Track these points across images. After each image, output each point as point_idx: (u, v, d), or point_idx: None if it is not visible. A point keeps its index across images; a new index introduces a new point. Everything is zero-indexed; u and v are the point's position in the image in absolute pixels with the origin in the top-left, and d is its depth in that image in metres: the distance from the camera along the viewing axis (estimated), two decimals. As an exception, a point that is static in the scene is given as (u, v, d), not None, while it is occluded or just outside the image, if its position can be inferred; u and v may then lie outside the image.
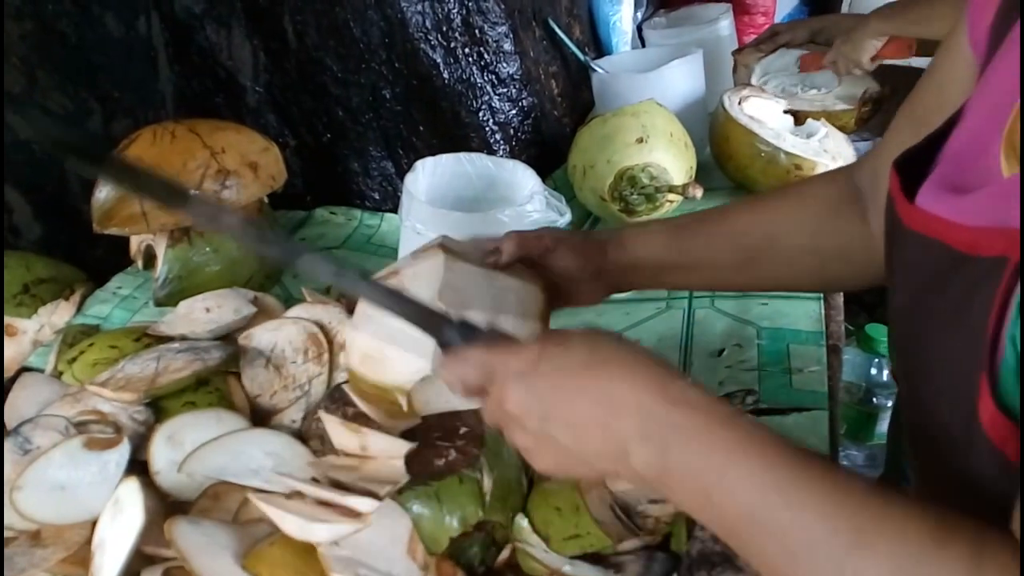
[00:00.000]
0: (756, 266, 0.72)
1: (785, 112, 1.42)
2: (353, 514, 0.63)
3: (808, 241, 0.70)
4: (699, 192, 1.16)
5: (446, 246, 0.64)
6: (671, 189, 1.19)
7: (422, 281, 0.60)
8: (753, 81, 1.54)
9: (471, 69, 1.29)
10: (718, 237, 0.72)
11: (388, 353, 0.63)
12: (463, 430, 0.73)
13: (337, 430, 0.70)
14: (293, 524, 0.63)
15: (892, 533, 0.39)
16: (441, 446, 0.69)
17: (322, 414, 0.73)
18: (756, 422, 0.45)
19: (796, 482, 0.41)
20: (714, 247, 0.72)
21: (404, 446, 0.67)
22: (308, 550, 0.63)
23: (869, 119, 1.45)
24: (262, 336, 0.88)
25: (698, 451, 0.44)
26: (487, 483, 0.70)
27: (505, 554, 0.70)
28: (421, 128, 1.30)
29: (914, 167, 0.52)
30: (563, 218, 0.99)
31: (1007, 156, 0.44)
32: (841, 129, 1.41)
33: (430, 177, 1.06)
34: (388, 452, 0.67)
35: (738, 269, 0.73)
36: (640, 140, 1.19)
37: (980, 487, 0.43)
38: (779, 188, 0.79)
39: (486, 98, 1.31)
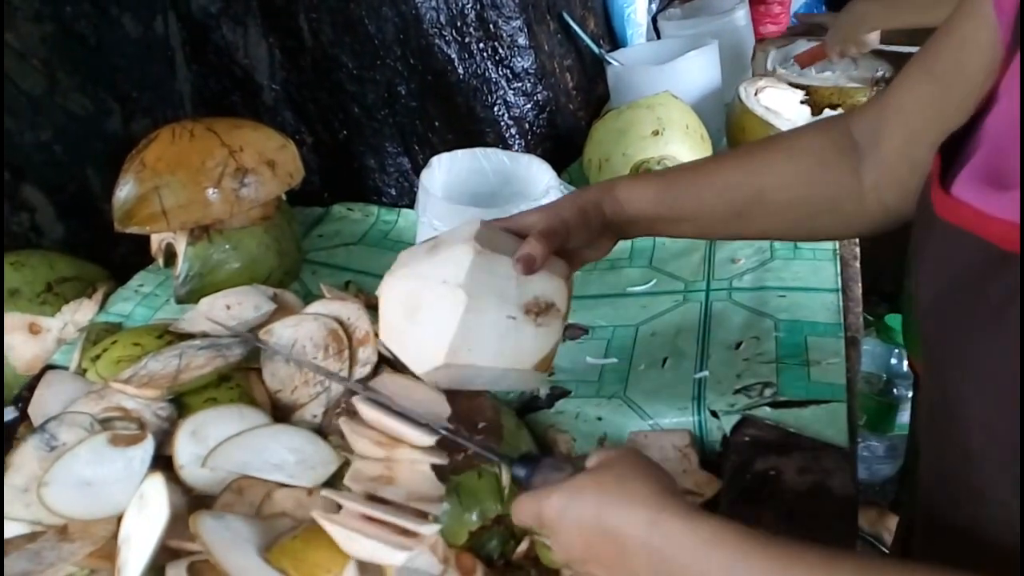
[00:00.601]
0: (745, 219, 0.73)
1: (803, 99, 1.41)
2: (410, 533, 0.64)
3: (797, 194, 0.71)
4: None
5: (479, 239, 0.66)
6: (687, 181, 1.19)
7: (450, 267, 0.65)
8: (769, 67, 1.53)
9: (486, 64, 1.29)
10: (708, 190, 0.73)
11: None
12: (482, 424, 0.73)
13: (361, 440, 0.71)
14: (365, 547, 0.63)
15: None
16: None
17: (344, 424, 0.72)
18: (741, 532, 0.48)
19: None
20: (704, 200, 0.73)
21: (430, 459, 0.68)
22: (330, 543, 0.64)
23: None
24: (283, 332, 0.89)
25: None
26: (506, 477, 0.71)
27: (524, 546, 0.71)
28: (436, 123, 1.30)
29: (951, 150, 0.51)
30: (579, 212, 0.99)
31: None
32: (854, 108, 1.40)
33: (446, 173, 1.07)
34: (414, 459, 0.68)
35: (727, 221, 0.74)
36: (656, 133, 1.19)
37: (1009, 492, 0.42)
38: (769, 139, 0.78)
39: (501, 93, 1.31)
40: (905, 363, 1.94)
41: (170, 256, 1.09)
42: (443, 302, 0.65)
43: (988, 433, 0.46)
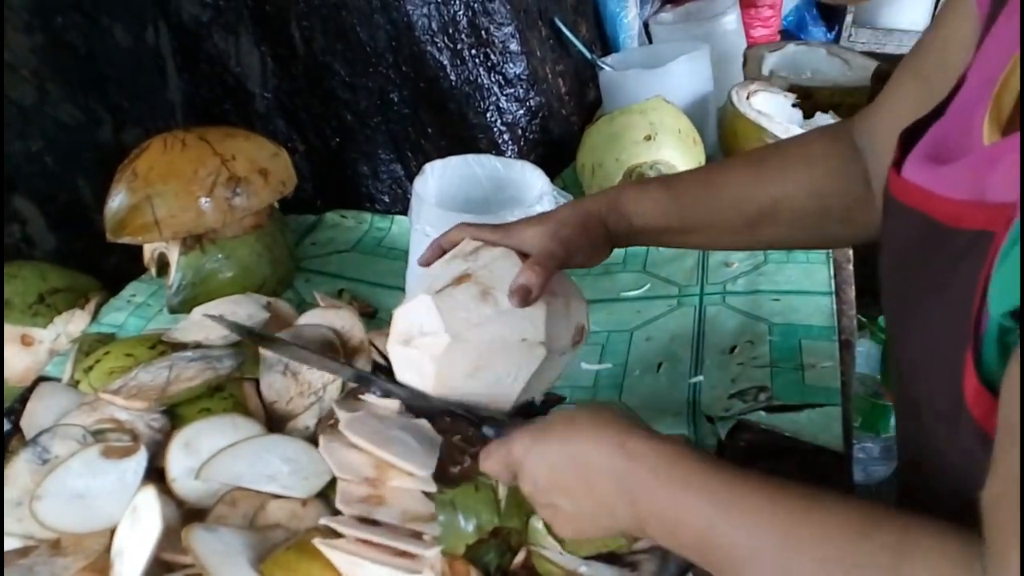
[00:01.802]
0: (757, 229, 0.72)
1: (794, 103, 1.41)
2: (408, 555, 0.63)
3: (811, 204, 0.70)
4: (708, 188, 1.16)
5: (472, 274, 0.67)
6: (680, 186, 1.19)
7: (527, 325, 0.66)
8: (764, 72, 1.53)
9: (478, 70, 1.29)
10: (720, 202, 0.72)
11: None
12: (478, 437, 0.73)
13: (350, 456, 0.69)
14: (371, 574, 0.62)
15: (817, 529, 0.44)
16: (457, 454, 0.70)
17: (326, 446, 0.71)
18: (703, 455, 0.52)
19: (734, 502, 0.48)
20: (716, 212, 0.72)
21: (420, 484, 0.67)
22: (322, 555, 0.64)
23: None
24: (280, 343, 0.88)
25: (656, 497, 0.51)
26: (503, 490, 0.70)
27: (520, 558, 0.71)
28: (429, 130, 1.30)
29: (916, 137, 0.52)
30: (572, 218, 0.99)
31: (991, 122, 0.44)
32: (854, 110, 1.40)
33: (439, 180, 1.06)
34: (405, 482, 0.67)
35: (738, 232, 0.73)
36: (648, 137, 1.19)
37: (964, 462, 0.43)
38: (780, 146, 0.77)
39: (493, 99, 1.31)
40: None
41: (163, 266, 1.09)
42: (518, 356, 0.66)
43: (930, 386, 0.47)
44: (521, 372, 0.66)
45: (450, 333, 0.64)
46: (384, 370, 0.89)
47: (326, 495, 0.73)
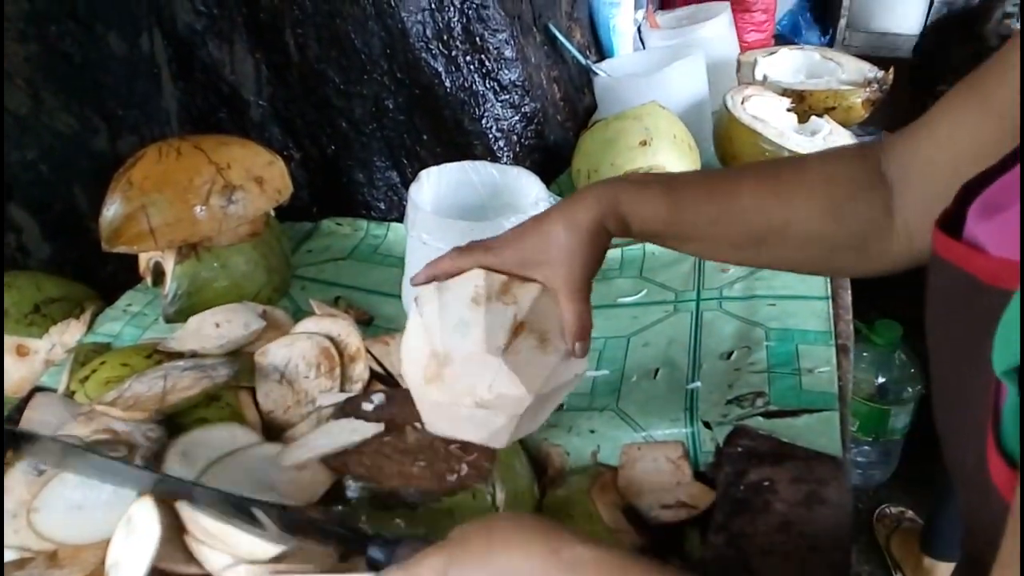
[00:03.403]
0: (762, 247, 0.67)
1: (789, 107, 1.42)
2: None
3: (823, 227, 0.64)
4: (704, 194, 1.16)
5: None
6: (676, 191, 1.19)
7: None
8: (758, 77, 1.54)
9: (473, 77, 1.29)
10: (727, 215, 0.67)
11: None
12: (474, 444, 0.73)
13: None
14: None
15: None
16: (453, 461, 0.69)
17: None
18: (637, 558, 0.51)
19: None
20: (721, 224, 0.67)
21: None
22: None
23: (876, 101, 1.44)
24: (277, 352, 0.88)
25: None
26: (500, 497, 0.70)
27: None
28: (424, 137, 1.30)
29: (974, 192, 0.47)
30: (568, 224, 0.99)
31: None
32: (849, 112, 1.41)
33: (435, 187, 1.07)
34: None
35: (741, 248, 0.69)
36: (644, 143, 1.20)
37: (994, 529, 0.41)
38: (797, 162, 0.71)
39: (488, 105, 1.31)
40: (898, 368, 1.95)
41: (158, 275, 1.08)
42: (565, 391, 0.72)
43: (962, 469, 0.45)
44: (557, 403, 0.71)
45: (531, 392, 0.66)
46: (381, 378, 0.89)
47: (326, 503, 0.72)
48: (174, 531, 0.68)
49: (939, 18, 1.92)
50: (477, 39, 1.28)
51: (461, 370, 0.66)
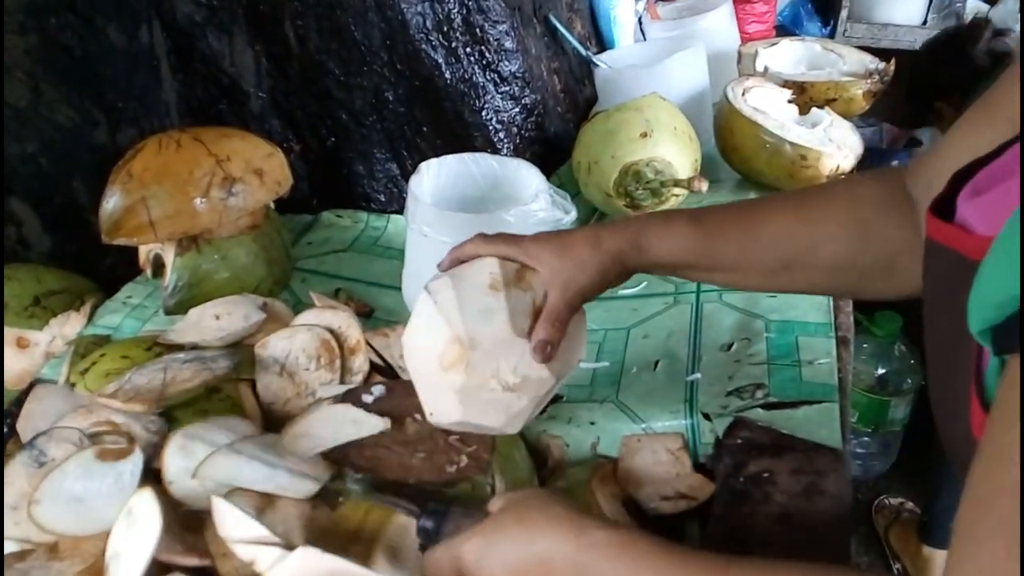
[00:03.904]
0: (791, 274, 0.68)
1: (790, 99, 1.41)
2: None
3: (850, 249, 0.66)
4: (704, 186, 1.16)
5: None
6: (676, 183, 1.19)
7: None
8: (759, 68, 1.53)
9: (473, 68, 1.28)
10: (754, 242, 0.68)
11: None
12: (473, 435, 0.73)
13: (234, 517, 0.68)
14: None
15: None
16: (452, 453, 0.70)
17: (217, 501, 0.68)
18: (656, 540, 0.53)
19: None
20: (748, 252, 0.68)
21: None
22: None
23: (877, 93, 1.44)
24: (277, 344, 0.88)
25: None
26: (499, 488, 0.70)
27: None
28: (424, 129, 1.30)
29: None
30: (568, 216, 0.99)
31: None
32: (850, 104, 1.40)
33: (435, 179, 1.06)
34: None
35: (772, 274, 0.69)
36: (644, 135, 1.19)
37: None
38: (825, 186, 0.73)
39: (489, 97, 1.31)
40: (897, 359, 1.95)
41: (158, 267, 1.08)
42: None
43: (951, 444, 0.46)
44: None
45: (553, 374, 0.68)
46: (380, 370, 0.89)
47: (326, 494, 0.73)
48: (173, 523, 0.68)
49: (930, 40, 1.98)
50: (477, 30, 1.28)
51: (487, 354, 0.67)
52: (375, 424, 0.76)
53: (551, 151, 1.41)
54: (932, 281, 0.49)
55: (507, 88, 1.33)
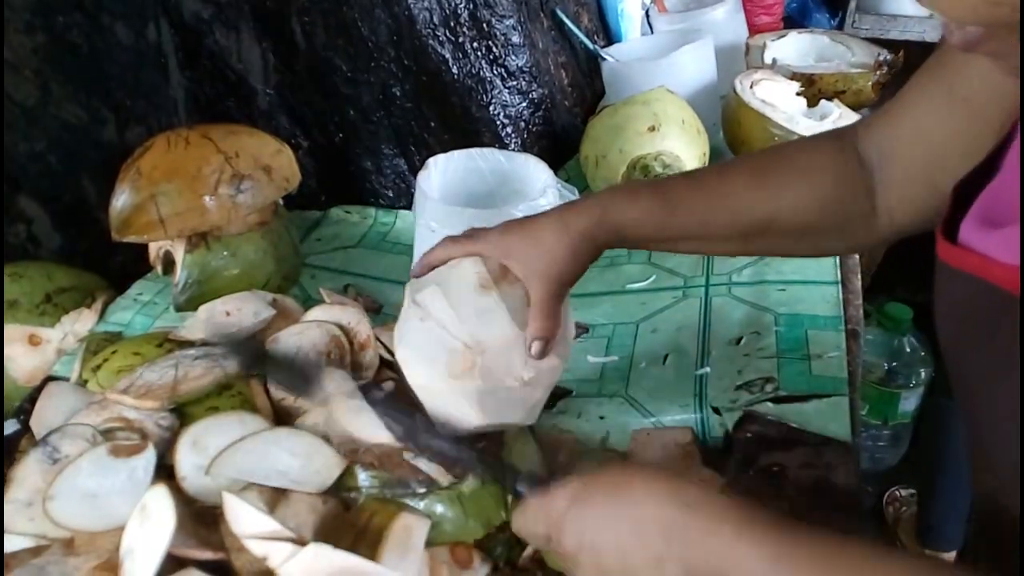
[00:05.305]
0: (752, 239, 0.71)
1: (799, 91, 1.41)
2: None
3: (811, 217, 0.68)
4: (713, 179, 1.16)
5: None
6: (684, 177, 1.19)
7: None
8: (767, 60, 1.53)
9: (480, 63, 1.28)
10: (715, 213, 0.70)
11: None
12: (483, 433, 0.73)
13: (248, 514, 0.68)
14: None
15: None
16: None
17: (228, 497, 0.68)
18: (759, 508, 0.50)
19: (790, 556, 0.46)
20: (709, 222, 0.70)
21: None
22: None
23: (886, 84, 1.44)
24: (288, 340, 0.89)
25: (709, 546, 0.49)
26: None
27: (530, 550, 0.71)
28: (432, 124, 1.30)
29: (967, 194, 0.49)
30: (577, 210, 0.99)
31: None
32: (859, 95, 1.40)
33: (443, 174, 1.07)
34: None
35: (732, 241, 0.72)
36: (652, 128, 1.19)
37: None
38: (779, 154, 0.74)
39: (496, 91, 1.31)
40: (907, 351, 1.94)
41: (168, 264, 1.09)
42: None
43: (1008, 473, 0.46)
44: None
45: (562, 358, 0.69)
46: (391, 366, 0.89)
47: (337, 488, 0.73)
48: (186, 519, 0.69)
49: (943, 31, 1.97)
50: (484, 25, 1.27)
51: (497, 355, 0.67)
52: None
53: (559, 145, 1.41)
54: (951, 306, 0.49)
55: (514, 83, 1.33)
